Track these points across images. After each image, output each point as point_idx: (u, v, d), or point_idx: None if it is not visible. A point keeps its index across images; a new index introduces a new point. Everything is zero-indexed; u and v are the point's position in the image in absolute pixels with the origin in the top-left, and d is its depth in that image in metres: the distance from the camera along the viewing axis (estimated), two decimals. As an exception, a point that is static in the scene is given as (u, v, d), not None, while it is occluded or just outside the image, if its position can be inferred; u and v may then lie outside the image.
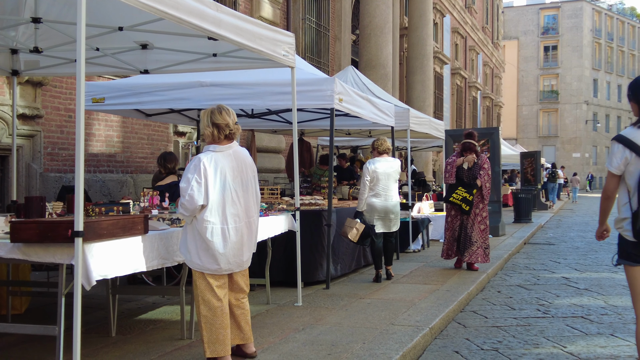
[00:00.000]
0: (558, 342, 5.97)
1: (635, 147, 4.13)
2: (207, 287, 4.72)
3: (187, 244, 4.75)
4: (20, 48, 6.98)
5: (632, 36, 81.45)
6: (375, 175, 8.52)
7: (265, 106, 8.93)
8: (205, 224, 4.63)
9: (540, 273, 10.31)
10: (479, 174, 9.55)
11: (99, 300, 6.92)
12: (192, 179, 4.58)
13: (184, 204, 4.61)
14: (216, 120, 4.73)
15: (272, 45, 6.38)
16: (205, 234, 4.63)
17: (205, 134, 4.76)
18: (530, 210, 20.77)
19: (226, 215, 4.71)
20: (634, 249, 4.17)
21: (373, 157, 8.81)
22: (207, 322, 4.68)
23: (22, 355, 5.14)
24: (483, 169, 9.58)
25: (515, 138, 68.87)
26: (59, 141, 9.68)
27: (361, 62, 19.61)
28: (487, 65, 48.95)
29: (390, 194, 8.63)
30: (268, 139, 15.66)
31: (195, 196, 4.56)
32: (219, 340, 4.67)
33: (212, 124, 4.73)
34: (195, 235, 4.68)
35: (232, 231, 4.73)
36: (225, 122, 4.74)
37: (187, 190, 4.57)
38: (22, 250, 4.13)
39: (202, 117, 4.80)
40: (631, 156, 4.14)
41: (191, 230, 4.71)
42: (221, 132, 4.74)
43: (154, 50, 6.85)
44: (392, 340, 5.53)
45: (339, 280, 8.63)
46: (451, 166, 9.69)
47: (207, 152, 4.72)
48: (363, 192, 8.55)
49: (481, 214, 9.59)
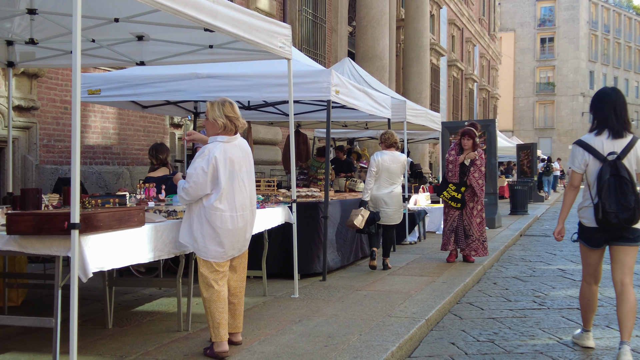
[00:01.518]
0: (554, 334, 5.99)
1: (593, 151, 5.08)
2: (211, 273, 4.86)
3: (192, 232, 4.86)
4: (15, 39, 6.96)
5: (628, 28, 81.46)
6: (381, 168, 8.79)
7: (261, 98, 8.92)
8: (216, 211, 4.78)
9: (536, 265, 10.34)
10: (469, 169, 9.35)
11: (96, 292, 6.93)
12: (199, 167, 4.73)
13: (187, 189, 4.74)
14: (228, 113, 4.88)
15: (268, 37, 6.37)
16: (215, 222, 4.78)
17: (218, 124, 4.85)
18: (527, 202, 20.79)
19: (235, 204, 4.89)
20: (592, 233, 5.15)
21: (381, 149, 9.09)
22: (211, 307, 4.83)
23: (19, 347, 5.14)
24: (475, 165, 9.37)
25: (512, 130, 68.90)
26: (54, 133, 9.66)
27: (358, 54, 19.59)
28: (483, 57, 48.94)
29: (394, 188, 8.91)
30: (264, 131, 15.65)
31: (200, 183, 4.72)
32: (221, 324, 4.84)
33: (225, 116, 4.86)
34: (203, 223, 4.80)
35: (240, 218, 4.92)
36: (236, 115, 4.92)
37: (193, 177, 4.72)
38: (18, 243, 4.13)
39: (213, 109, 4.89)
40: (589, 158, 5.11)
41: (198, 218, 4.83)
42: (232, 124, 4.90)
43: (150, 41, 6.83)
44: (389, 331, 5.54)
45: (336, 273, 8.64)
46: (454, 165, 9.46)
47: (216, 143, 4.85)
48: (369, 182, 8.84)
49: (476, 207, 9.50)
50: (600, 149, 5.07)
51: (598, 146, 5.09)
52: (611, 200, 4.90)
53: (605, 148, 5.07)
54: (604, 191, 4.94)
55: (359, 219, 8.50)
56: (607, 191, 4.93)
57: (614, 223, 4.93)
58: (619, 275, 5.12)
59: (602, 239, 5.13)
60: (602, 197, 4.94)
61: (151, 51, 7.20)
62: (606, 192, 4.93)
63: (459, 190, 9.41)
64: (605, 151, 5.06)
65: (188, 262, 5.62)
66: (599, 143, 5.10)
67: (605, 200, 4.92)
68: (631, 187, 4.92)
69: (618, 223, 4.92)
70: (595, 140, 5.12)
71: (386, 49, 19.68)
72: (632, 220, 4.92)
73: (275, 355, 4.86)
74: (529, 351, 5.45)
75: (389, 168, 8.82)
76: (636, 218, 4.92)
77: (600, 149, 5.08)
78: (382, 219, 8.84)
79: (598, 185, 4.99)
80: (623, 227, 4.97)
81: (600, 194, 4.95)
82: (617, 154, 5.01)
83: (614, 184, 4.93)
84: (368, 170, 9.00)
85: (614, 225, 4.96)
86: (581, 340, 5.55)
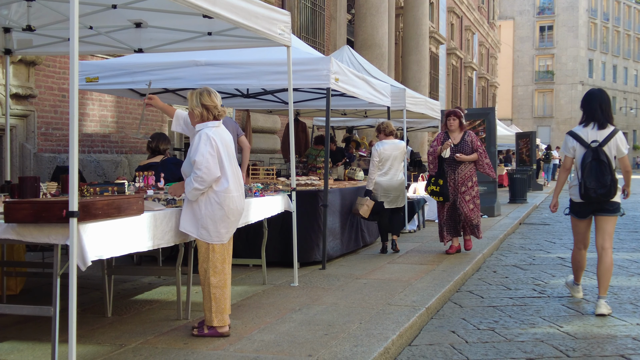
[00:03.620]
0: (554, 322, 5.97)
1: (580, 139, 6.26)
2: (220, 257, 4.97)
3: (200, 220, 4.89)
4: (12, 26, 6.90)
5: (627, 16, 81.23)
6: (383, 157, 9.12)
7: (260, 86, 8.88)
8: (228, 193, 4.91)
9: (535, 253, 10.33)
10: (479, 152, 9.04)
11: (95, 281, 6.91)
12: (206, 152, 4.77)
13: (201, 177, 4.74)
14: (205, 102, 4.94)
15: (267, 23, 6.31)
16: (229, 205, 4.91)
17: (195, 113, 4.93)
18: (526, 190, 20.78)
19: (237, 184, 5.02)
20: (579, 207, 6.38)
21: (380, 139, 9.43)
22: (217, 292, 4.93)
23: (17, 335, 5.12)
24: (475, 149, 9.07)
25: (511, 119, 68.84)
26: (52, 121, 9.61)
27: (356, 41, 19.50)
28: (482, 45, 48.80)
29: (397, 173, 9.28)
30: (263, 119, 15.59)
31: (212, 168, 4.77)
32: (225, 309, 4.97)
33: (201, 105, 4.92)
34: (215, 208, 4.88)
35: (242, 197, 5.13)
36: (214, 104, 4.96)
37: (204, 163, 4.75)
38: (16, 231, 4.09)
39: (190, 98, 4.98)
40: (577, 145, 6.28)
41: (207, 205, 4.88)
42: (210, 113, 4.95)
43: (148, 28, 6.78)
44: (389, 320, 5.52)
45: (335, 261, 8.63)
46: (433, 157, 9.20)
47: (209, 128, 4.90)
48: (373, 172, 9.16)
49: (470, 193, 9.12)
50: (586, 138, 6.22)
51: (584, 136, 6.24)
52: (591, 179, 6.09)
53: (589, 137, 6.21)
54: (586, 172, 6.12)
55: (365, 209, 8.80)
56: (589, 172, 6.11)
57: (593, 197, 6.11)
58: (600, 241, 6.29)
59: (588, 210, 6.33)
60: (584, 176, 6.13)
61: (149, 38, 7.14)
62: (588, 172, 6.11)
63: (437, 183, 9.08)
64: (590, 139, 6.20)
65: (187, 251, 5.60)
66: (585, 133, 6.24)
67: (586, 179, 6.11)
68: (608, 169, 6.10)
69: (596, 197, 6.11)
70: (582, 131, 6.27)
71: (385, 37, 19.59)
72: (608, 195, 6.10)
73: (275, 343, 4.84)
74: (530, 339, 5.43)
75: (391, 156, 9.16)
76: (611, 193, 6.10)
77: (585, 137, 6.22)
78: (389, 203, 9.20)
79: (582, 167, 6.17)
80: (602, 201, 6.15)
81: (583, 174, 6.13)
82: (599, 142, 6.15)
83: (594, 166, 6.09)
84: (371, 160, 9.29)
85: (593, 199, 6.15)
86: (573, 291, 6.98)
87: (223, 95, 10.61)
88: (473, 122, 15.65)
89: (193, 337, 5.05)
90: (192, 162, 4.84)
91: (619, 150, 6.22)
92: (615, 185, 6.10)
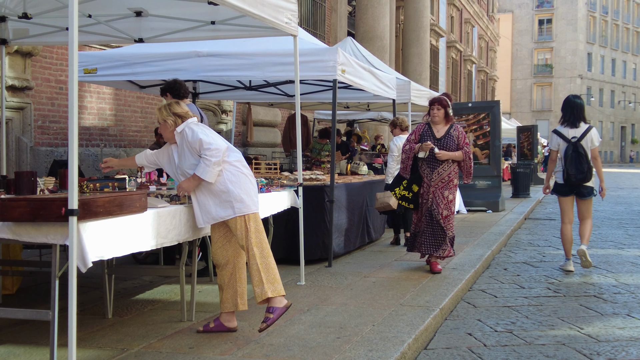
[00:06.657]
0: (574, 323, 5.73)
1: (562, 136, 7.93)
2: (257, 227, 4.94)
3: (232, 194, 4.84)
4: (8, 14, 6.61)
5: (626, 10, 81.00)
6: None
7: (264, 77, 8.61)
8: (236, 163, 4.93)
9: (544, 250, 10.09)
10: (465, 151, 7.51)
11: (94, 280, 6.64)
12: (209, 133, 4.87)
13: (213, 150, 4.72)
14: (176, 111, 4.92)
15: (274, 12, 6.03)
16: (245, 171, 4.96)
17: (168, 123, 4.89)
18: (529, 184, 20.56)
19: None
20: (561, 187, 8.01)
21: (395, 134, 9.53)
22: (264, 262, 4.88)
23: (14, 339, 4.86)
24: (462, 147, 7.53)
25: (509, 112, 68.61)
26: (49, 114, 9.34)
27: (358, 34, 19.22)
28: (482, 38, 48.55)
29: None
30: (264, 113, 15.33)
31: (218, 140, 4.83)
32: (276, 279, 4.90)
33: (173, 114, 4.91)
34: (239, 177, 4.90)
35: None
36: (184, 110, 4.97)
37: (213, 144, 4.75)
38: (13, 230, 3.83)
39: (160, 112, 4.97)
40: (560, 141, 7.95)
41: (231, 178, 4.86)
42: (182, 120, 4.92)
43: (148, 17, 6.53)
44: (403, 322, 5.28)
45: (341, 258, 8.38)
46: (407, 155, 7.66)
47: (189, 123, 4.91)
48: (392, 166, 9.26)
49: (446, 196, 7.49)
50: (567, 135, 7.87)
51: (566, 133, 7.90)
52: (572, 167, 7.73)
53: (569, 134, 7.87)
54: (568, 161, 7.77)
55: (393, 200, 7.86)
56: (570, 161, 7.75)
57: (573, 181, 7.79)
58: (581, 216, 8.12)
59: (568, 190, 7.97)
60: (566, 165, 7.79)
61: (150, 27, 6.88)
62: (569, 162, 7.75)
63: (410, 189, 7.69)
64: (570, 136, 7.86)
65: (191, 251, 5.35)
66: (566, 131, 7.91)
67: (568, 167, 7.76)
68: (585, 159, 7.74)
69: (576, 181, 7.79)
70: (564, 130, 7.96)
71: (386, 29, 19.33)
72: (584, 180, 7.77)
73: (285, 347, 4.60)
74: (551, 342, 5.18)
75: None
76: (587, 178, 7.77)
77: (567, 134, 7.88)
78: None
79: (564, 157, 7.83)
80: (579, 185, 7.85)
81: (566, 163, 7.79)
82: (577, 137, 7.80)
83: (574, 157, 7.74)
84: (389, 155, 9.42)
85: (573, 183, 7.82)
86: (565, 266, 8.21)
87: (224, 88, 10.34)
88: (477, 115, 15.43)
89: (199, 333, 4.94)
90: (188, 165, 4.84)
91: (592, 143, 7.86)
92: (590, 172, 7.75)
